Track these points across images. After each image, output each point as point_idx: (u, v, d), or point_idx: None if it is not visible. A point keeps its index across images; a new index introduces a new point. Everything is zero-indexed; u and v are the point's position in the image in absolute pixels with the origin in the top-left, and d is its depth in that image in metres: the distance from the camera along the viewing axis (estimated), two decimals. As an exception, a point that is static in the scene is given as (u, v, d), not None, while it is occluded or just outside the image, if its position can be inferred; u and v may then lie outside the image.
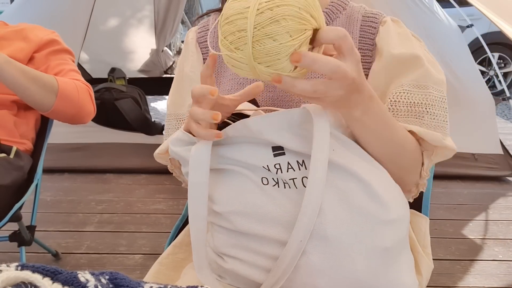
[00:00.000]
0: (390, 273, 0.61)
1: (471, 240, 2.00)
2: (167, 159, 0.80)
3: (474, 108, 2.61)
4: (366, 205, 0.59)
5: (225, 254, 0.65)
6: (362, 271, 0.58)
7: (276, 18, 0.48)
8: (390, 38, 0.72)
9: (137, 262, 1.79)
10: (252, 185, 0.62)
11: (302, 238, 0.57)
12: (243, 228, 0.62)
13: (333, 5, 0.79)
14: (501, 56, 5.28)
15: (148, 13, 4.33)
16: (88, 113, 1.31)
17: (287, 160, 0.61)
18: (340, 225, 0.58)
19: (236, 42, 0.51)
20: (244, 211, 0.62)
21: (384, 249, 0.59)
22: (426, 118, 0.69)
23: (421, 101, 0.68)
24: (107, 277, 0.44)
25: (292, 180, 0.61)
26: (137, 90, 3.33)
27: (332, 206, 0.58)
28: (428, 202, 0.88)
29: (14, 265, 0.43)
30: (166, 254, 0.83)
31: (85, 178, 2.62)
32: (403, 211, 0.63)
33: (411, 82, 0.69)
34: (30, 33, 1.33)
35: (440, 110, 0.70)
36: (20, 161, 1.27)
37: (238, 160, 0.63)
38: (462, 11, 3.31)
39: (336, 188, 0.59)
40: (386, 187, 0.62)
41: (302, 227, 0.57)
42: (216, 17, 0.82)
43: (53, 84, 1.21)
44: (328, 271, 0.58)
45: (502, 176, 2.69)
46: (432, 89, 0.69)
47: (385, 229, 0.60)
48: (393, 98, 0.70)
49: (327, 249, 0.58)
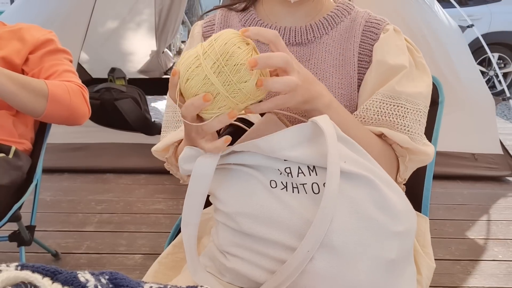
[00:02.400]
0: (393, 284, 0.61)
1: (471, 240, 2.00)
2: (164, 157, 0.81)
3: (474, 108, 2.61)
4: (376, 215, 0.59)
5: (228, 252, 0.65)
6: (365, 281, 0.58)
7: (236, 69, 0.55)
8: (389, 47, 0.74)
9: (136, 262, 1.79)
10: (260, 186, 0.62)
11: (310, 249, 0.57)
12: (249, 230, 0.62)
13: (338, 9, 0.79)
14: (501, 56, 5.28)
15: (147, 17, 4.33)
16: (82, 115, 1.30)
17: (298, 165, 0.61)
18: (347, 234, 0.58)
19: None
20: (251, 213, 0.61)
21: (389, 261, 0.59)
22: (396, 128, 0.71)
23: (391, 112, 0.70)
24: (107, 277, 0.44)
25: (302, 186, 0.60)
26: (137, 90, 3.33)
27: (341, 215, 0.58)
28: (428, 202, 0.88)
29: (13, 265, 0.43)
30: (165, 253, 0.83)
31: (85, 178, 2.62)
32: (410, 223, 0.63)
33: (385, 92, 0.71)
34: (27, 34, 1.32)
35: (411, 122, 0.71)
36: (19, 161, 1.27)
37: (247, 163, 0.63)
38: (462, 11, 3.31)
39: (347, 197, 0.59)
40: (398, 197, 0.61)
41: (312, 238, 0.56)
42: (223, 13, 0.83)
43: (43, 89, 1.20)
44: (331, 278, 0.58)
45: (502, 176, 2.69)
46: (405, 101, 0.71)
47: (392, 241, 0.59)
48: (365, 106, 0.72)
49: (332, 257, 0.58)
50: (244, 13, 0.81)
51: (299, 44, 0.77)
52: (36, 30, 1.35)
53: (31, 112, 1.22)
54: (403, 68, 0.72)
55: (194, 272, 0.65)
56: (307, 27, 0.77)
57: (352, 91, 0.75)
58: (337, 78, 0.76)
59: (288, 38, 0.77)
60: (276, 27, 0.78)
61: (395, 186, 0.63)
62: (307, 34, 0.77)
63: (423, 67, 0.75)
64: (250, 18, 0.80)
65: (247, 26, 0.79)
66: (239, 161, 0.63)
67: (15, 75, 1.17)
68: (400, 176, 0.73)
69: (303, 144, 0.61)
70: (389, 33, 0.75)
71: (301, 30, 0.77)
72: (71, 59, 1.40)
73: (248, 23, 0.80)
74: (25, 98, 1.17)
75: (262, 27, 0.63)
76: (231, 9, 0.83)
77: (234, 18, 0.82)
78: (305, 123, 0.61)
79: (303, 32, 0.77)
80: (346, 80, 0.75)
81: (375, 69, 0.73)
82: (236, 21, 0.82)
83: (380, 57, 0.73)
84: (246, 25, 0.80)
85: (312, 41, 0.77)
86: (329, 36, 0.77)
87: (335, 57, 0.76)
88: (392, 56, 0.73)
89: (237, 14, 0.82)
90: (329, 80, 0.75)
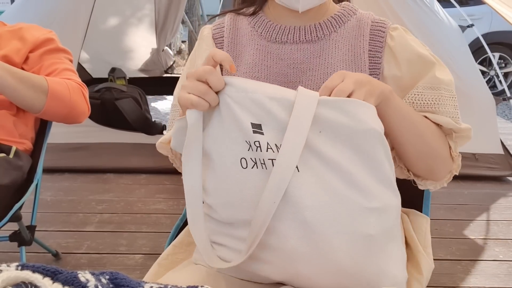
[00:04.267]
0: (376, 262, 0.61)
1: (472, 240, 2.00)
2: (169, 149, 0.83)
3: (475, 108, 2.61)
4: (345, 192, 0.59)
5: (214, 242, 0.68)
6: (343, 258, 0.59)
7: None
8: (410, 40, 0.80)
9: (137, 262, 1.79)
10: (233, 170, 0.63)
11: (276, 200, 0.58)
12: (227, 218, 0.64)
13: (343, 10, 0.84)
14: (501, 56, 5.27)
15: (148, 12, 4.32)
16: (81, 113, 1.30)
17: (266, 140, 0.61)
18: (319, 210, 0.59)
19: None
20: (229, 201, 0.63)
21: (367, 236, 0.59)
22: (438, 113, 0.76)
23: (434, 102, 0.76)
24: (107, 277, 0.44)
25: (271, 161, 0.60)
26: (138, 90, 3.33)
27: (311, 191, 0.59)
28: (429, 202, 0.88)
29: (14, 265, 0.43)
30: (165, 254, 0.83)
31: (86, 178, 2.62)
32: (389, 201, 0.62)
33: (424, 84, 0.77)
34: (27, 33, 1.32)
35: (451, 108, 0.77)
36: (20, 161, 1.27)
37: (219, 138, 0.64)
38: (462, 11, 3.31)
39: (316, 174, 0.60)
40: (368, 175, 0.61)
41: (274, 187, 0.58)
42: (232, 17, 0.88)
43: (43, 85, 1.20)
44: (308, 256, 0.59)
45: (502, 176, 2.69)
46: (444, 90, 0.77)
47: (368, 217, 0.59)
48: (408, 99, 0.77)
49: (306, 234, 0.59)
50: (253, 16, 0.87)
51: (309, 42, 0.82)
52: (36, 30, 1.35)
53: (30, 108, 1.22)
54: (431, 60, 0.79)
55: (192, 222, 0.66)
56: (316, 26, 0.82)
57: None
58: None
59: (299, 36, 0.82)
60: (286, 27, 0.83)
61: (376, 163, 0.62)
62: (317, 32, 0.82)
63: (440, 62, 0.82)
64: (260, 20, 0.85)
65: (256, 28, 0.85)
66: (210, 130, 0.65)
67: (15, 69, 1.18)
68: (454, 151, 0.78)
69: (282, 107, 0.62)
70: (400, 30, 0.81)
71: (310, 28, 0.82)
72: (71, 58, 1.40)
73: (257, 25, 0.85)
74: (25, 93, 1.17)
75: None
76: (240, 14, 0.88)
77: (243, 21, 0.87)
78: (294, 91, 0.63)
79: (313, 30, 0.82)
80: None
81: (403, 60, 0.79)
82: (245, 24, 0.86)
83: (405, 49, 0.79)
84: (255, 27, 0.85)
85: (322, 38, 0.82)
86: (338, 33, 0.82)
87: (345, 52, 0.80)
88: (417, 46, 0.80)
89: (246, 17, 0.87)
90: None
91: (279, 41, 0.82)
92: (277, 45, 0.83)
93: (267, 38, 0.83)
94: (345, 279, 0.60)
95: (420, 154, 0.74)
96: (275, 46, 0.82)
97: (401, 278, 0.64)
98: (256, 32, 0.84)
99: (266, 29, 0.83)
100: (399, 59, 0.79)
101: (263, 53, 0.82)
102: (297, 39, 0.82)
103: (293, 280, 0.63)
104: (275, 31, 0.83)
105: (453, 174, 0.79)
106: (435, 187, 0.79)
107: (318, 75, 0.80)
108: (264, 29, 0.84)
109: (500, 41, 5.09)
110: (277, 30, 0.83)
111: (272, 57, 0.82)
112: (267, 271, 0.64)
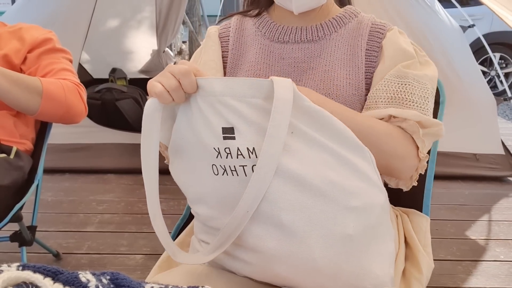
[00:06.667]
0: (355, 262, 0.60)
1: (473, 241, 2.00)
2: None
3: (476, 108, 2.61)
4: (321, 192, 0.58)
5: (201, 239, 0.70)
6: (320, 258, 0.58)
7: None
8: (399, 39, 0.82)
9: (138, 262, 1.79)
10: (206, 172, 0.63)
11: (249, 209, 0.58)
12: (206, 220, 0.66)
13: (345, 13, 0.88)
14: (502, 56, 5.27)
15: (148, 15, 4.32)
16: (78, 113, 1.29)
17: (237, 146, 0.59)
18: (294, 211, 0.58)
19: None
20: (208, 204, 0.65)
21: (345, 236, 0.58)
22: (404, 104, 0.75)
23: (400, 89, 0.75)
24: (108, 277, 0.44)
25: (242, 168, 0.59)
26: (138, 91, 3.33)
27: (285, 192, 0.58)
28: (429, 202, 0.88)
29: (15, 265, 0.43)
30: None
31: (86, 178, 2.62)
32: (370, 199, 0.61)
33: (393, 72, 0.77)
34: (26, 33, 1.31)
35: (419, 98, 0.75)
36: (20, 161, 1.27)
37: (192, 140, 0.64)
38: (463, 11, 3.30)
39: (290, 174, 0.58)
40: (347, 175, 0.60)
41: (250, 196, 0.57)
42: (238, 18, 0.93)
43: (37, 86, 1.20)
44: (286, 258, 0.59)
45: (503, 177, 2.68)
46: (412, 80, 0.76)
47: (347, 216, 0.59)
48: (376, 87, 0.79)
49: (283, 236, 0.58)
50: (258, 17, 0.91)
51: (310, 41, 0.85)
52: (36, 30, 1.35)
53: (25, 110, 1.22)
54: (412, 55, 0.79)
55: (153, 217, 0.70)
56: (318, 26, 0.86)
57: (359, 81, 0.82)
58: (346, 70, 0.83)
59: (300, 36, 0.85)
60: (288, 27, 0.87)
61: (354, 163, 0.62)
62: (318, 32, 0.85)
63: (427, 63, 0.81)
64: (264, 21, 0.90)
65: (260, 28, 0.89)
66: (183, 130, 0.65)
67: (8, 71, 1.17)
68: (421, 152, 0.74)
69: (256, 101, 0.59)
70: (394, 31, 0.83)
71: (311, 29, 0.86)
72: (71, 58, 1.39)
73: (261, 25, 0.89)
74: (19, 95, 1.17)
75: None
76: (246, 15, 0.93)
77: (249, 22, 0.92)
78: (266, 80, 0.60)
79: (314, 30, 0.85)
80: (353, 71, 0.82)
81: (387, 56, 0.80)
82: (250, 25, 0.91)
83: (392, 46, 0.81)
84: (259, 28, 0.89)
85: (323, 38, 0.85)
86: (338, 34, 0.85)
87: (344, 51, 0.84)
88: (403, 43, 0.81)
89: (251, 19, 0.92)
90: (338, 71, 0.82)
91: (281, 41, 0.86)
92: (279, 45, 0.86)
93: (270, 38, 0.87)
94: (324, 279, 0.60)
95: None
96: (277, 45, 0.86)
97: (383, 277, 0.63)
98: (260, 32, 0.88)
99: (269, 29, 0.88)
100: (385, 55, 0.81)
101: (266, 52, 0.86)
102: (298, 39, 0.85)
103: (274, 281, 0.64)
104: (277, 31, 0.87)
105: (419, 172, 0.76)
106: (406, 185, 0.78)
107: (318, 73, 0.82)
108: (268, 29, 0.88)
109: (501, 41, 5.09)
110: (279, 30, 0.87)
111: (274, 56, 0.85)
112: (247, 270, 0.64)
